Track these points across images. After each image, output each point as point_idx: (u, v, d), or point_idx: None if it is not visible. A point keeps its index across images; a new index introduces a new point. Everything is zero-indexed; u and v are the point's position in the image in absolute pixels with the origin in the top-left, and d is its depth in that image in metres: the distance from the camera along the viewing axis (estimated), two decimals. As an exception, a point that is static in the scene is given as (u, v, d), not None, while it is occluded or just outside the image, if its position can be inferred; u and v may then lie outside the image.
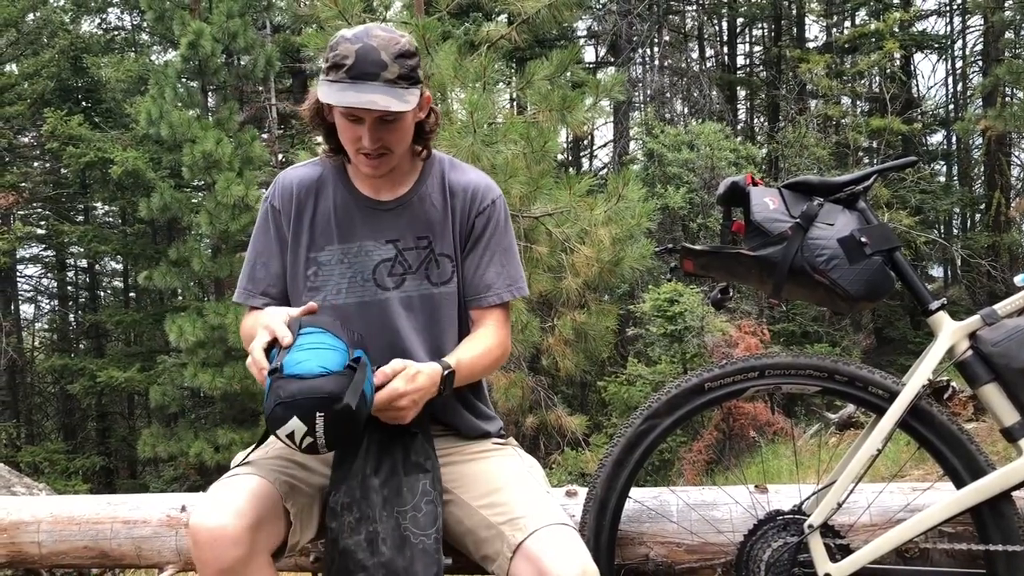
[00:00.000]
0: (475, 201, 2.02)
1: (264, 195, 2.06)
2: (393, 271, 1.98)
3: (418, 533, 1.76)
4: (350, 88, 1.79)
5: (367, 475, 1.80)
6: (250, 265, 2.05)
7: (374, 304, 1.97)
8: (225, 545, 1.63)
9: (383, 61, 1.80)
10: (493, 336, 2.00)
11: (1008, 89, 17.40)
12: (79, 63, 19.72)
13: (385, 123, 1.85)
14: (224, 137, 14.27)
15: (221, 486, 1.74)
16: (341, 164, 2.03)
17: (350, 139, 1.88)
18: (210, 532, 1.63)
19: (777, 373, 1.96)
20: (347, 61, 1.80)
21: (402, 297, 1.98)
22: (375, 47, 1.81)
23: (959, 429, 1.91)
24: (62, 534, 2.43)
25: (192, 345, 13.98)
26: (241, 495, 1.69)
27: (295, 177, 2.03)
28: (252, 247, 2.06)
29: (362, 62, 1.79)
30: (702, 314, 12.85)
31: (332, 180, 2.02)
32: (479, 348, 1.96)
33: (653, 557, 2.11)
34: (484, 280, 2.02)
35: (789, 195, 1.97)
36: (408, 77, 1.84)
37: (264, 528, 1.69)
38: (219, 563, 1.64)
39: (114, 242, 19.86)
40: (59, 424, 22.08)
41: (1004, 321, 1.89)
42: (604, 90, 6.96)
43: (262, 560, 1.69)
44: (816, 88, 18.46)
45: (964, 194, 20.37)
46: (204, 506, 1.67)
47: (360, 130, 1.84)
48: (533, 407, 8.85)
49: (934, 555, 2.02)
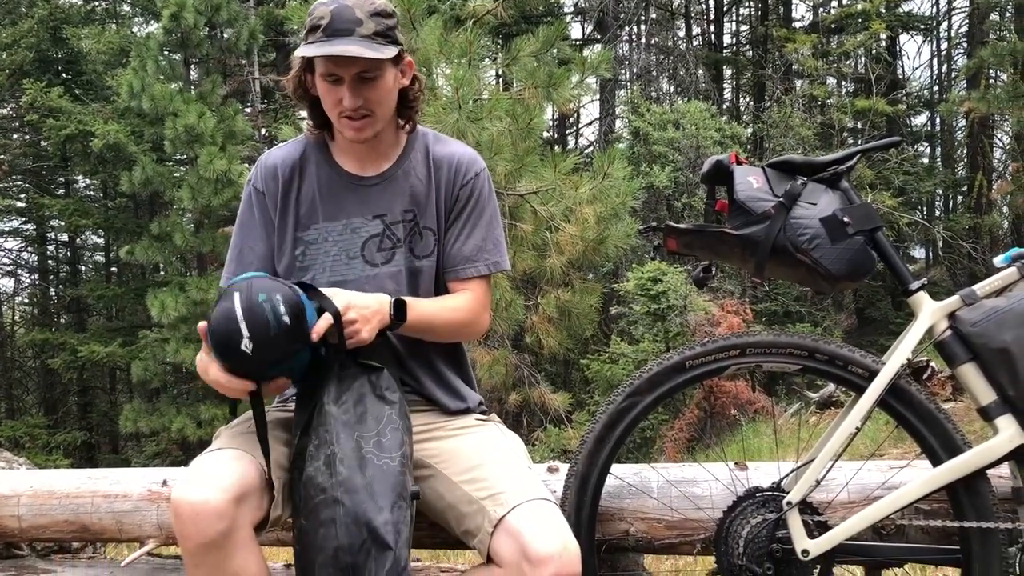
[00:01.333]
0: (459, 173, 2.02)
1: (248, 178, 2.04)
2: (382, 246, 1.98)
3: (381, 455, 1.71)
4: (325, 43, 1.81)
5: (325, 403, 1.76)
6: (236, 249, 2.03)
7: (362, 281, 1.97)
8: (208, 519, 1.62)
9: (358, 18, 1.83)
10: (463, 300, 2.00)
11: (992, 71, 17.47)
12: (59, 34, 19.40)
13: (364, 81, 1.85)
14: (207, 111, 14.12)
15: (203, 460, 1.73)
16: (323, 141, 2.02)
17: (332, 103, 1.88)
18: (192, 506, 1.63)
19: (758, 352, 1.98)
20: (323, 21, 1.82)
21: (391, 272, 1.98)
22: (349, 5, 1.83)
23: (936, 408, 1.93)
24: (42, 508, 2.42)
25: (174, 320, 13.91)
26: (224, 469, 1.69)
27: (277, 158, 2.02)
28: (237, 232, 2.04)
29: (337, 20, 1.82)
30: (685, 293, 12.90)
31: (315, 158, 2.01)
32: (441, 302, 1.98)
33: (633, 533, 2.12)
34: (463, 252, 2.02)
35: (773, 174, 1.97)
36: (384, 35, 1.85)
37: (247, 502, 1.68)
38: (201, 536, 1.63)
39: (95, 216, 19.65)
40: (40, 399, 21.94)
41: (983, 301, 1.91)
42: (590, 67, 6.93)
43: (245, 534, 1.68)
44: (802, 68, 18.47)
45: (947, 175, 20.48)
46: (187, 480, 1.67)
47: (341, 91, 1.85)
48: (516, 384, 8.88)
49: (910, 532, 2.05)
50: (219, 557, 1.66)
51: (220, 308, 1.66)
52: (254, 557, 1.71)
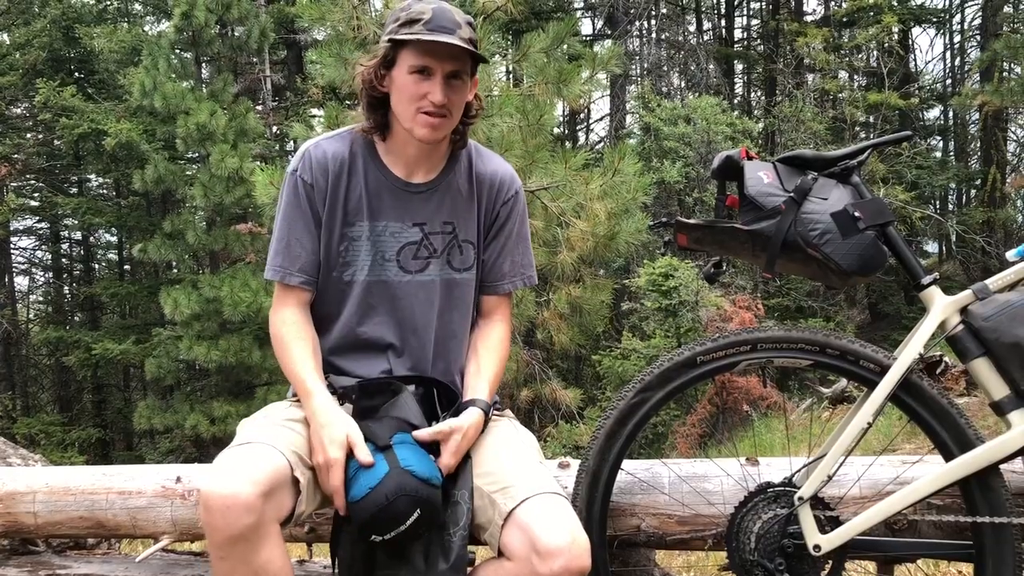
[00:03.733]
0: (500, 191, 2.06)
1: (290, 168, 2.01)
2: (418, 254, 2.00)
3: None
4: (431, 35, 1.83)
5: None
6: (283, 242, 1.99)
7: (393, 285, 1.99)
8: (238, 512, 1.62)
9: (457, 21, 1.86)
10: (502, 338, 2.08)
11: (1006, 64, 17.34)
12: (71, 33, 19.51)
13: (455, 81, 1.88)
14: (218, 109, 14.17)
15: (233, 453, 1.73)
16: (371, 142, 2.02)
17: (415, 95, 1.88)
18: (223, 499, 1.62)
19: (769, 347, 1.97)
20: (424, 16, 1.84)
21: (424, 280, 2.00)
22: (448, 9, 1.87)
23: (949, 403, 1.93)
24: (57, 504, 2.44)
25: (187, 317, 13.97)
26: (254, 463, 1.69)
27: (328, 150, 2.00)
28: (283, 222, 2.00)
29: (440, 17, 1.84)
30: (697, 288, 12.87)
31: (363, 157, 2.00)
32: (496, 359, 2.05)
33: (645, 528, 2.13)
34: (501, 269, 2.08)
35: (783, 169, 1.97)
36: (474, 43, 1.88)
37: (274, 497, 1.69)
38: (230, 529, 1.63)
39: (108, 214, 19.77)
40: (55, 396, 22.10)
41: (995, 296, 1.90)
42: (601, 63, 6.91)
43: (272, 529, 1.69)
44: (813, 62, 18.39)
45: (960, 169, 20.35)
46: (216, 473, 1.67)
47: (430, 85, 1.86)
48: (528, 380, 8.87)
49: (922, 527, 2.05)
50: (245, 550, 1.66)
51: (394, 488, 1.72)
52: (279, 552, 1.72)
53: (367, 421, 1.85)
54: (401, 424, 1.83)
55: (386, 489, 1.70)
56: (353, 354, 2.02)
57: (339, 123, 6.27)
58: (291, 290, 2.00)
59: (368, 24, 6.09)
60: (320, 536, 2.34)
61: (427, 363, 2.02)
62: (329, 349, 2.02)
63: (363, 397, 1.92)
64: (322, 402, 1.85)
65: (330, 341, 2.03)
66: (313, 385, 1.88)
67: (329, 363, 2.02)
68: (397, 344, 2.00)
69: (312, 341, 1.98)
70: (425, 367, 2.02)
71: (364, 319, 2.00)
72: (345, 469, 1.76)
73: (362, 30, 6.07)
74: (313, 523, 2.28)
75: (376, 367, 2.00)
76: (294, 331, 1.97)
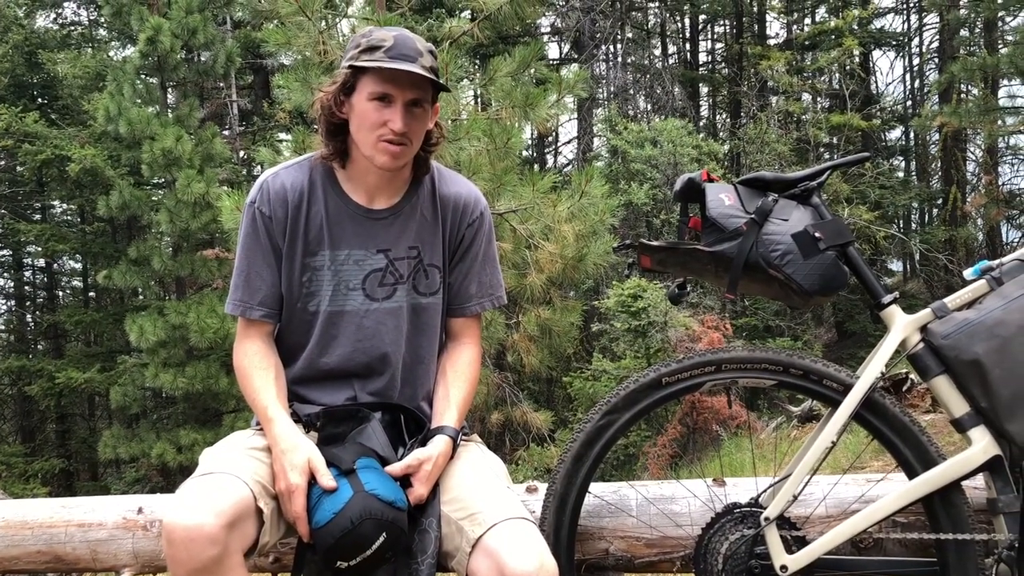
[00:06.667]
0: (465, 213, 2.04)
1: (248, 199, 1.98)
2: (384, 281, 1.98)
3: None
4: (392, 62, 1.82)
5: None
6: (243, 275, 1.98)
7: (359, 313, 1.97)
8: (202, 544, 1.60)
9: (419, 49, 1.85)
10: (471, 360, 2.07)
11: (963, 86, 17.72)
12: (34, 59, 19.31)
13: (415, 109, 1.87)
14: (184, 134, 14.07)
15: (195, 485, 1.71)
16: (330, 169, 2.00)
17: (375, 123, 1.87)
18: (187, 530, 1.60)
19: (733, 367, 1.98)
20: (386, 43, 1.84)
21: (391, 307, 1.99)
22: (410, 37, 1.86)
23: (911, 421, 1.95)
24: (14, 539, 2.39)
25: (153, 345, 13.79)
26: (217, 494, 1.66)
27: (287, 181, 1.98)
28: (243, 255, 1.98)
29: (401, 45, 1.84)
30: (665, 309, 12.92)
31: (323, 186, 1.98)
32: (465, 383, 2.04)
33: (613, 552, 2.12)
34: (468, 290, 2.06)
35: (744, 191, 1.99)
36: (435, 72, 1.88)
37: (238, 528, 1.66)
38: (194, 562, 1.61)
39: (72, 241, 19.49)
40: (17, 427, 21.64)
41: (954, 314, 1.93)
42: (567, 87, 6.96)
43: (236, 560, 1.66)
44: (777, 85, 18.64)
45: (922, 189, 20.69)
46: (179, 504, 1.64)
47: (391, 113, 1.85)
48: (498, 404, 8.86)
49: (888, 545, 2.06)
50: None
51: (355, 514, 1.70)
52: None
53: (330, 447, 1.83)
54: (366, 451, 1.81)
55: (351, 513, 1.68)
56: (317, 383, 2.00)
57: (306, 148, 6.26)
58: (253, 323, 1.99)
59: (334, 49, 6.09)
60: (285, 566, 2.30)
61: (394, 390, 2.00)
62: (293, 379, 2.01)
63: (328, 424, 1.90)
64: (283, 428, 1.83)
65: (295, 371, 2.01)
66: (275, 412, 1.86)
67: (294, 392, 2.00)
68: (362, 372, 1.99)
69: (275, 369, 1.96)
70: (392, 394, 2.00)
71: (327, 349, 1.98)
72: (309, 496, 1.74)
73: (328, 55, 6.06)
74: (278, 553, 2.24)
75: (340, 395, 1.98)
76: (256, 360, 1.95)
